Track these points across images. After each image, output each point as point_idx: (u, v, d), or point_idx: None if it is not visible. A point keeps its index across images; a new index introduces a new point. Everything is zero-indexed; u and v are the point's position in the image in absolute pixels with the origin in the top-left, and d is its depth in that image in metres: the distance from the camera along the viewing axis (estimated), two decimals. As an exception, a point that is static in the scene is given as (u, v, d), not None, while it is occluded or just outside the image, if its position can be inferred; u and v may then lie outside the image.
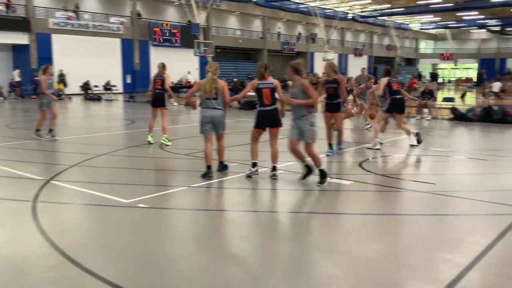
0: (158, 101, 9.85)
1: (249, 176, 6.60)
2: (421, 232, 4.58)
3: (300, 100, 6.14)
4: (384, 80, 8.89)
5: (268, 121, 6.62)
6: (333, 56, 44.88)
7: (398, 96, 8.95)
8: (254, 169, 6.68)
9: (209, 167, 6.62)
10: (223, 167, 7.03)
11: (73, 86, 29.56)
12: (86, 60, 30.79)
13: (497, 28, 57.14)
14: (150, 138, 9.73)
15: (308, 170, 6.42)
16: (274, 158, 6.69)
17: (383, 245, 4.17)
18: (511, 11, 47.66)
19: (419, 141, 9.35)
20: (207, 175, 6.54)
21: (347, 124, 12.32)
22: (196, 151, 8.82)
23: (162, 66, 9.88)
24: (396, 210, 5.38)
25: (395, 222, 4.92)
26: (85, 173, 7.30)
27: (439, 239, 4.35)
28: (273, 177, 6.60)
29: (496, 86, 26.25)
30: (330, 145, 8.38)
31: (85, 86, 29.41)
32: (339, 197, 6.06)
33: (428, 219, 5.03)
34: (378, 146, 9.03)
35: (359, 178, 6.72)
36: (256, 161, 6.71)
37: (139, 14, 35.05)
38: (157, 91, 9.76)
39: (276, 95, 6.70)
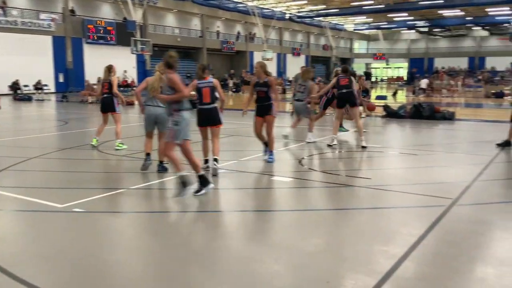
0: (106, 106, 9.36)
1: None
2: (358, 225, 4.74)
3: (165, 96, 5.64)
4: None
5: (207, 119, 6.66)
6: (272, 55, 45.39)
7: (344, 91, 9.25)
8: (205, 166, 6.77)
9: (148, 154, 7.01)
10: (163, 168, 6.91)
11: (1, 86, 27.89)
12: (15, 58, 29.15)
13: (425, 29, 60.40)
14: (94, 142, 9.28)
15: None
16: (216, 152, 6.82)
17: (323, 240, 4.28)
18: (438, 13, 50.53)
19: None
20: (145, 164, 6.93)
21: (285, 123, 12.52)
22: (134, 152, 8.61)
23: (108, 69, 9.28)
24: (334, 205, 5.53)
25: (333, 217, 5.06)
26: (16, 177, 6.91)
27: (375, 231, 4.52)
28: (214, 171, 6.70)
29: (424, 83, 28.35)
30: (205, 161, 7.09)
31: (14, 86, 27.86)
32: (280, 194, 6.15)
33: (364, 212, 5.21)
34: (335, 142, 9.38)
35: (298, 175, 6.85)
36: (207, 158, 6.86)
37: (72, 11, 33.64)
38: (105, 95, 9.27)
39: (216, 94, 6.75)
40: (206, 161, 7.01)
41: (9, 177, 6.90)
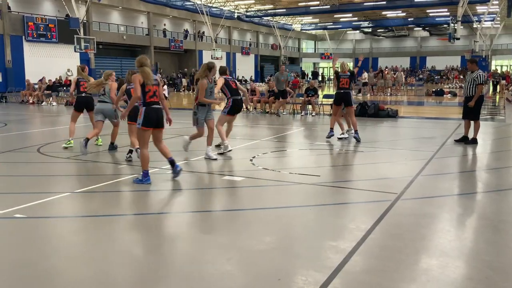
0: (83, 105, 9.32)
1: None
2: (308, 222, 4.80)
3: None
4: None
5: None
6: (221, 55, 45.27)
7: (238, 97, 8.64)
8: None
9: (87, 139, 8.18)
10: (112, 148, 8.82)
11: None
12: None
13: (370, 30, 62.34)
14: (71, 143, 9.03)
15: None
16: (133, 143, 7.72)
17: (273, 237, 4.30)
18: (381, 14, 52.26)
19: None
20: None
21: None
22: (78, 154, 8.31)
23: (82, 69, 9.45)
24: (285, 203, 5.58)
25: (283, 215, 5.10)
26: (-52, 183, 6.48)
27: (325, 227, 4.59)
28: (128, 159, 7.68)
29: (364, 76, 29.52)
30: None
31: None
32: (231, 194, 6.12)
33: (314, 209, 5.29)
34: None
35: (249, 174, 6.85)
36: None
37: (9, 7, 32.01)
38: (83, 94, 9.25)
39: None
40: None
41: None
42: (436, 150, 8.84)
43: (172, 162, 6.44)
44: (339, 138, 10.26)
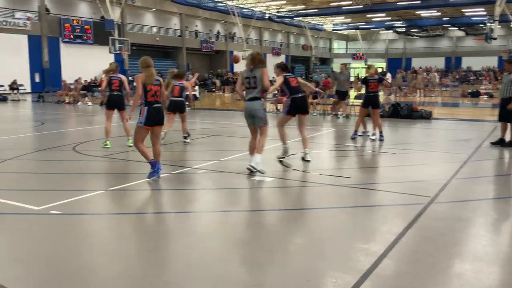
0: (115, 104, 9.15)
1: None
2: (338, 224, 4.76)
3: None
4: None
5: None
6: (251, 55, 45.35)
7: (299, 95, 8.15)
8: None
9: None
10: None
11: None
12: (-11, 58, 28.54)
13: (403, 29, 61.27)
14: (108, 144, 9.08)
15: None
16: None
17: (303, 239, 4.29)
18: (415, 13, 51.30)
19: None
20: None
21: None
22: (113, 153, 8.50)
23: (116, 66, 9.40)
24: (314, 204, 5.55)
25: (313, 216, 5.08)
26: (-10, 179, 6.75)
27: (355, 230, 4.55)
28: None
29: (387, 76, 28.85)
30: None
31: (-12, 86, 27.26)
32: (260, 194, 6.14)
33: (344, 211, 5.24)
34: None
35: (280, 175, 6.85)
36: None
37: (47, 9, 33.04)
38: (115, 92, 9.07)
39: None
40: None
41: (-17, 179, 6.74)
42: (471, 152, 8.62)
43: (153, 165, 6.47)
44: (372, 140, 10.14)
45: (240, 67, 43.22)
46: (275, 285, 3.39)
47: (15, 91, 27.12)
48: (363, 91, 10.79)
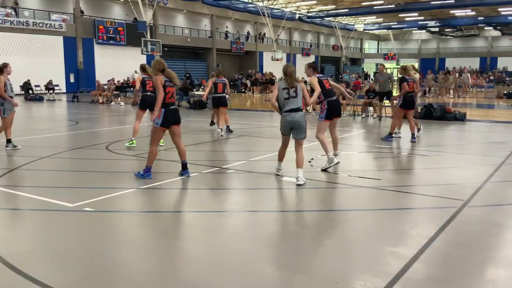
0: (149, 105, 9.09)
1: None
2: (367, 226, 4.71)
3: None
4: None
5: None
6: (281, 56, 45.36)
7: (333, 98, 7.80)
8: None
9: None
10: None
11: (13, 86, 28.17)
12: (27, 59, 29.46)
13: (436, 29, 59.97)
14: (133, 143, 9.30)
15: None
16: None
17: (332, 241, 4.26)
18: (449, 12, 50.15)
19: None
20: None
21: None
22: (144, 152, 8.64)
23: (143, 68, 9.49)
24: (343, 206, 5.51)
25: (342, 218, 5.04)
26: (27, 177, 6.98)
27: (385, 233, 4.49)
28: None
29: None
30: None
31: (26, 86, 28.13)
32: (289, 195, 6.13)
33: (373, 213, 5.18)
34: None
35: (307, 176, 6.82)
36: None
37: (82, 11, 33.89)
38: (149, 93, 9.12)
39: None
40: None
41: (21, 176, 6.97)
42: (506, 155, 8.37)
43: (185, 165, 6.66)
44: (412, 141, 10.01)
45: (268, 67, 43.25)
46: (303, 286, 3.38)
47: (51, 91, 27.91)
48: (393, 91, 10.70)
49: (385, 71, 15.30)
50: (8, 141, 9.20)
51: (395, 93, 14.58)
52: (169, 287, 3.36)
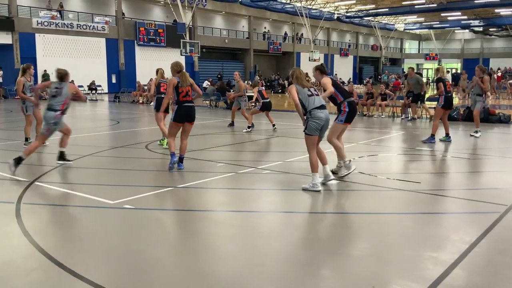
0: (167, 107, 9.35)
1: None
2: (406, 230, 4.62)
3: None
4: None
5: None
6: (319, 56, 45.06)
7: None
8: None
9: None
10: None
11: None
12: (71, 60, 30.47)
13: (480, 29, 58.01)
14: (164, 142, 9.51)
15: None
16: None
17: (368, 244, 4.20)
18: (495, 11, 48.43)
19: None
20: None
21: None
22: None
23: (163, 71, 9.86)
24: (381, 209, 5.42)
25: (380, 221, 4.96)
26: (70, 174, 7.23)
27: (424, 237, 4.39)
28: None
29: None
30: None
31: (70, 86, 29.06)
32: (325, 196, 6.09)
33: (412, 217, 5.08)
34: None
35: (345, 177, 6.75)
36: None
37: (123, 14, 34.77)
38: (164, 96, 9.22)
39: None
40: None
41: (65, 173, 7.23)
42: (555, 160, 8.01)
43: (181, 159, 7.21)
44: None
45: (306, 68, 43.01)
46: (339, 288, 3.35)
47: (93, 92, 28.78)
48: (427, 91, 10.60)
49: (414, 74, 15.44)
50: (26, 139, 9.45)
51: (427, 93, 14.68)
52: (203, 285, 3.41)
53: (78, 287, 3.36)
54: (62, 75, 7.48)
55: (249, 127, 12.06)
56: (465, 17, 51.91)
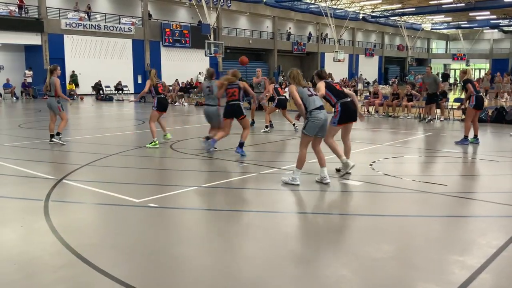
0: (165, 106, 9.92)
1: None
2: (431, 233, 4.54)
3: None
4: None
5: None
6: (343, 56, 44.73)
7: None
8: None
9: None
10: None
11: (85, 87, 29.85)
12: (98, 60, 31.09)
13: (510, 28, 56.55)
14: (168, 136, 10.22)
15: None
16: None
17: (393, 246, 4.15)
18: (525, 10, 47.19)
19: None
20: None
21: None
22: (205, 152, 8.84)
23: (155, 72, 10.10)
24: (406, 211, 5.35)
25: (404, 223, 4.89)
26: (97, 172, 7.36)
27: (450, 240, 4.31)
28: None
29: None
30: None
31: (97, 87, 29.64)
32: (349, 197, 6.05)
33: (438, 220, 4.99)
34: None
35: (369, 179, 6.69)
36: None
37: (150, 15, 35.23)
38: (163, 95, 9.88)
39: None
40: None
41: (91, 172, 7.37)
42: None
43: (241, 144, 8.34)
44: (476, 143, 9.85)
45: (330, 68, 42.73)
46: (362, 291, 3.32)
47: (120, 92, 29.24)
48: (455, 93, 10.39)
49: (431, 73, 15.27)
50: (52, 136, 9.86)
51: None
52: (226, 284, 3.42)
53: (103, 283, 3.42)
54: (211, 74, 9.19)
55: (266, 126, 12.08)
56: (494, 16, 50.70)
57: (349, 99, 6.79)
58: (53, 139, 9.77)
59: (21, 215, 5.07)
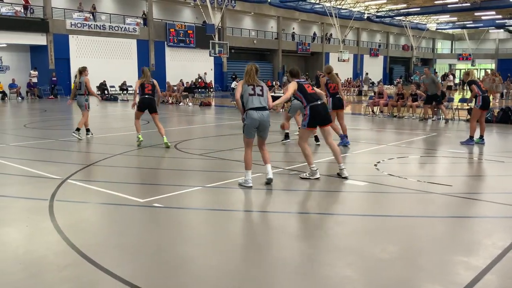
0: (148, 106, 9.78)
1: None
2: (437, 234, 4.53)
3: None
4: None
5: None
6: (348, 56, 44.63)
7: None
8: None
9: None
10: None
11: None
12: (103, 60, 31.16)
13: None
14: (141, 137, 9.89)
15: None
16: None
17: (397, 247, 4.14)
18: (530, 10, 46.93)
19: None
20: None
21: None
22: (210, 151, 8.85)
23: (148, 70, 10.17)
24: (410, 212, 5.33)
25: (409, 224, 4.87)
26: (102, 172, 7.38)
27: (455, 241, 4.30)
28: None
29: (449, 78, 26.45)
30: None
31: (102, 87, 29.73)
32: (353, 198, 6.03)
33: (443, 221, 4.97)
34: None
35: (373, 179, 6.67)
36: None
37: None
38: (148, 96, 9.76)
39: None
40: None
41: (96, 171, 7.39)
42: None
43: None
44: (481, 144, 9.78)
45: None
46: (366, 291, 3.31)
47: (124, 92, 29.32)
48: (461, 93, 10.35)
49: (429, 74, 15.34)
50: (88, 130, 11.19)
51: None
52: (231, 284, 3.42)
53: (108, 283, 3.43)
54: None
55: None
56: (500, 16, 50.44)
57: (319, 102, 6.64)
58: (88, 132, 11.05)
59: (26, 214, 5.09)
